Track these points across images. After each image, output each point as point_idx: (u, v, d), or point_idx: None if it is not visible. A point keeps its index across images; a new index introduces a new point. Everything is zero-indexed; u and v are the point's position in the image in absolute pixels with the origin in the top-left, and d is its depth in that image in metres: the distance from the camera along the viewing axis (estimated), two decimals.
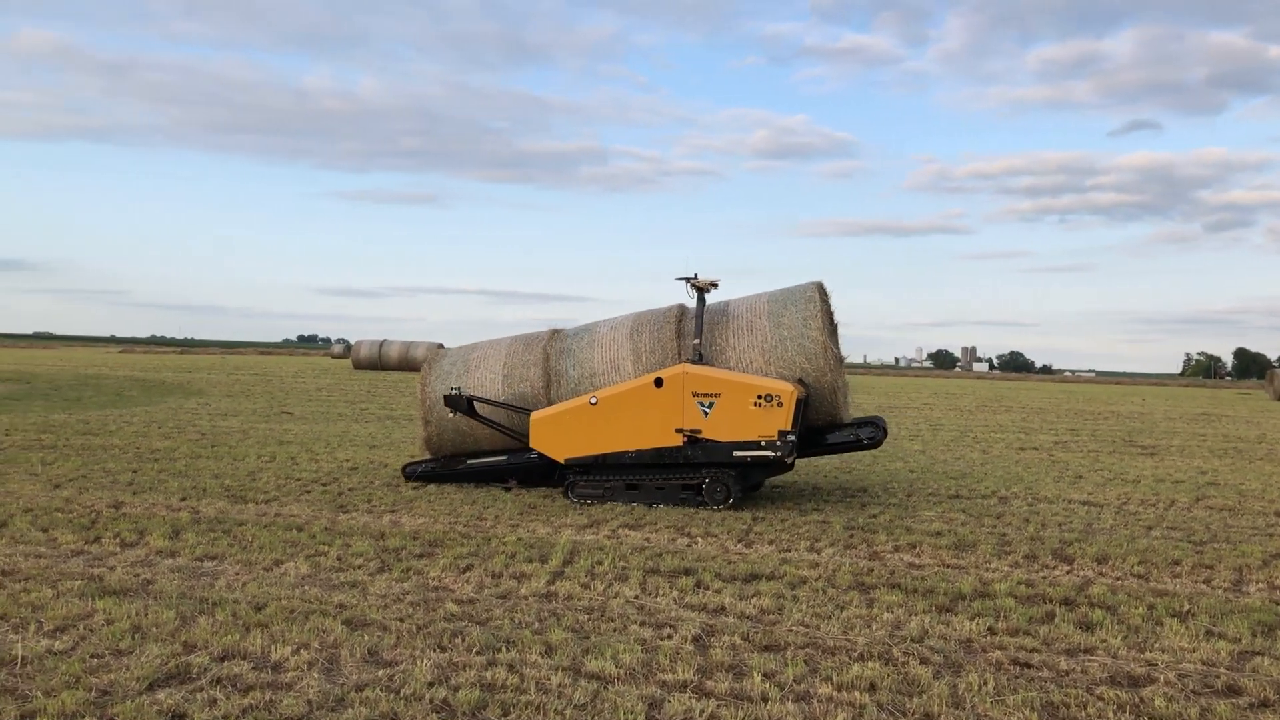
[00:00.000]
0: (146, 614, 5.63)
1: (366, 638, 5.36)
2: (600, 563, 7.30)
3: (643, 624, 5.81)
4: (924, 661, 5.29)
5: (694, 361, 10.35)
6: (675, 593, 6.54)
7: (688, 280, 10.91)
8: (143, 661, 4.86)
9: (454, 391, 10.95)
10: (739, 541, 8.33)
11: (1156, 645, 5.69)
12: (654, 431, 9.97)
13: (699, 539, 8.39)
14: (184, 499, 9.66)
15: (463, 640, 5.36)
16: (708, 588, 6.71)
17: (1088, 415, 29.74)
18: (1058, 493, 11.85)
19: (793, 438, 9.69)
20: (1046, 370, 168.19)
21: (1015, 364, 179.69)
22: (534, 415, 10.46)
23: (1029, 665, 5.30)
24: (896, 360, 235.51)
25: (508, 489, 10.91)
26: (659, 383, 9.92)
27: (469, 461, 11.28)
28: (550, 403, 10.90)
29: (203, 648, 5.13)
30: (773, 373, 10.29)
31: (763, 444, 9.76)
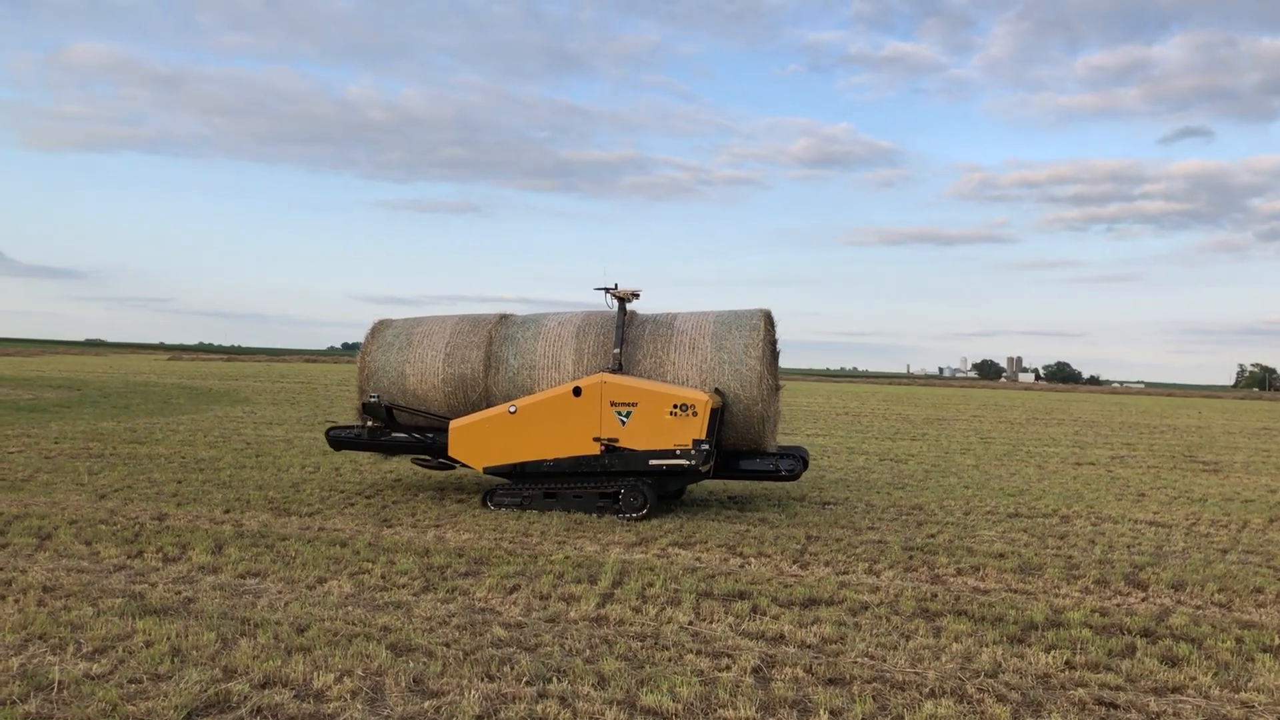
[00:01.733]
0: (187, 635, 5.46)
1: (412, 664, 5.14)
2: (651, 584, 7.04)
3: (699, 653, 5.54)
4: (1001, 699, 4.96)
5: (613, 370, 10.35)
6: (731, 618, 6.26)
7: (607, 290, 10.91)
8: (181, 688, 4.68)
9: (373, 400, 11.05)
10: (794, 562, 8.03)
11: (1251, 684, 5.32)
12: (573, 440, 10.01)
13: (751, 559, 8.10)
14: (227, 511, 9.54)
15: (511, 668, 5.12)
16: (765, 613, 6.42)
17: (1143, 429, 28.98)
18: (1121, 511, 11.40)
19: (706, 446, 9.67)
20: (1094, 381, 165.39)
21: (1062, 375, 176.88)
22: (453, 424, 10.48)
23: (1115, 705, 4.95)
24: (940, 370, 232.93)
25: (426, 466, 11.24)
26: (577, 391, 9.97)
27: (394, 435, 11.20)
28: (487, 388, 10.93)
29: (243, 673, 4.94)
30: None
31: (678, 453, 9.76)
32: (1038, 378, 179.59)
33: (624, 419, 9.92)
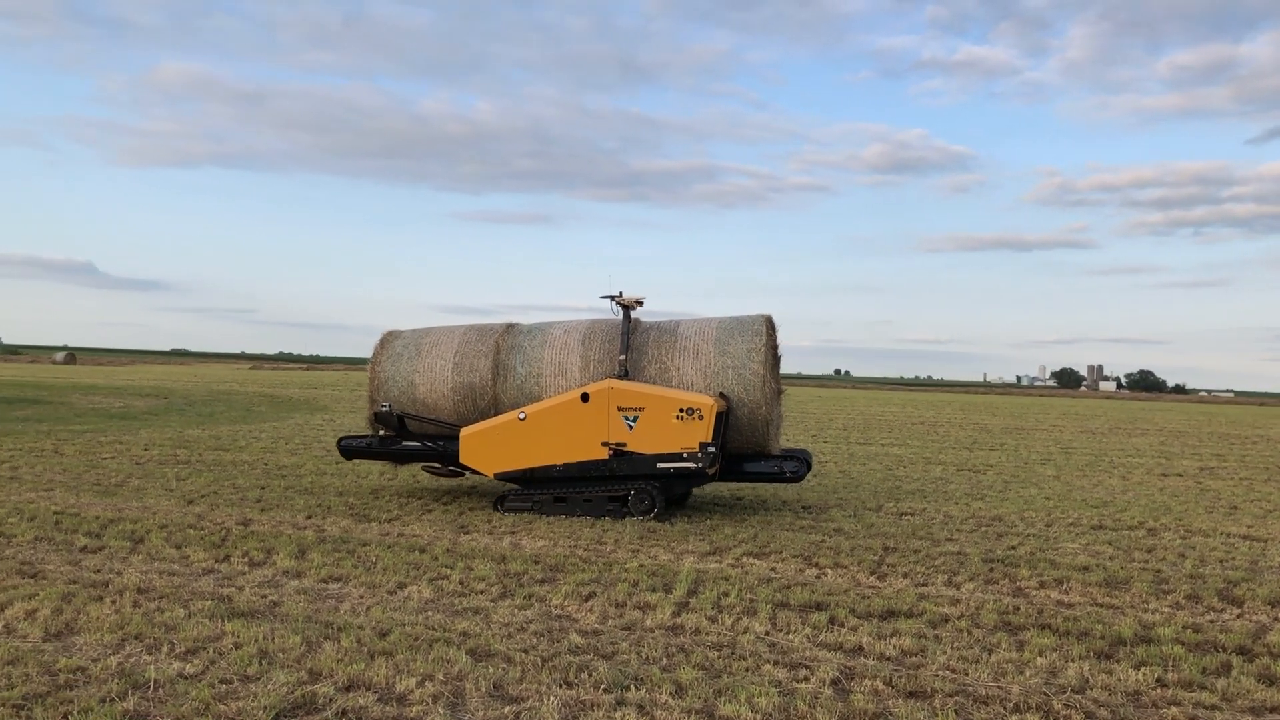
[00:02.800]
0: (273, 638, 5.60)
1: (491, 670, 5.20)
2: (726, 594, 7.01)
3: (776, 664, 5.50)
4: (1089, 716, 4.84)
5: (620, 376, 10.49)
6: (808, 629, 6.20)
7: (612, 298, 11.08)
8: (269, 689, 4.79)
9: (384, 409, 11.27)
10: (871, 574, 7.93)
11: None
12: (581, 445, 10.18)
13: (828, 570, 8.02)
14: (309, 517, 9.76)
15: (589, 675, 5.15)
16: (842, 625, 6.35)
17: (1234, 439, 28.02)
18: (1213, 525, 11.03)
19: (713, 449, 9.85)
20: (1180, 390, 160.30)
21: (1145, 383, 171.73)
22: (464, 431, 10.64)
23: None
24: (1018, 379, 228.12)
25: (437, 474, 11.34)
26: (585, 398, 10.14)
27: (405, 443, 11.39)
28: (495, 396, 11.11)
29: (328, 676, 5.04)
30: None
31: (684, 455, 9.93)
32: (1120, 386, 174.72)
33: (631, 423, 10.08)
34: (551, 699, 4.80)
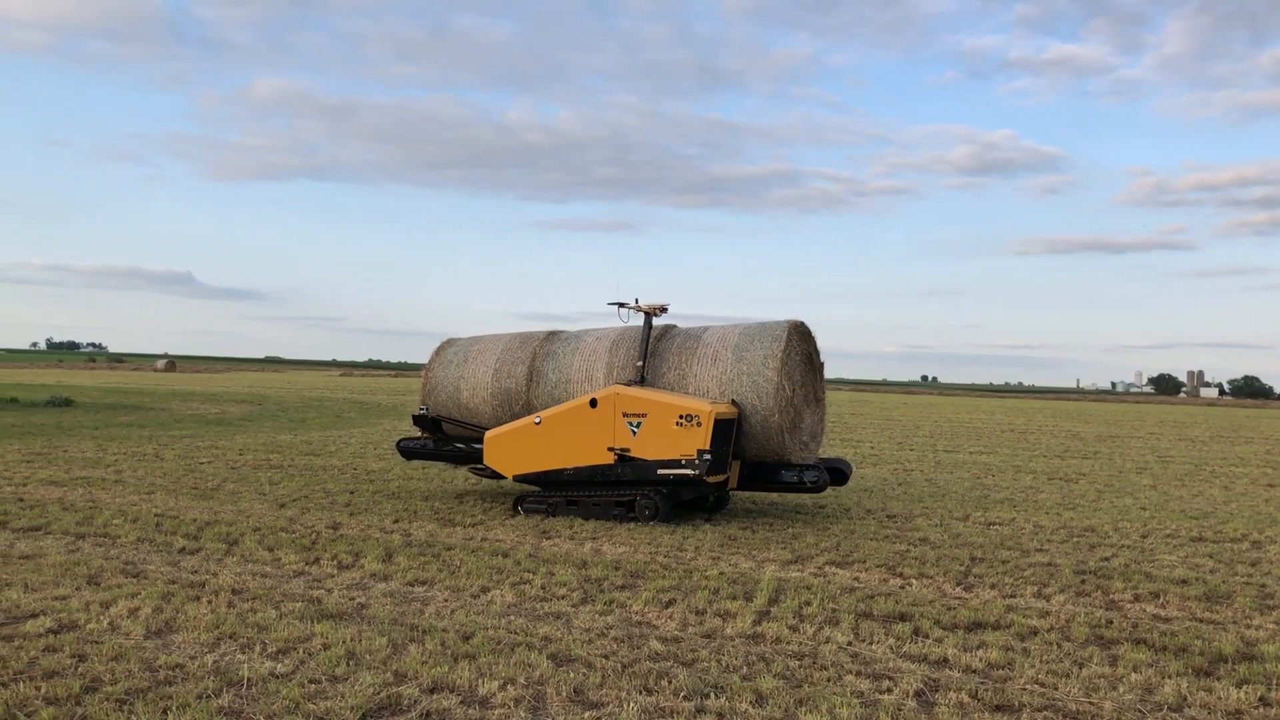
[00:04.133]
0: (360, 640, 5.73)
1: (572, 675, 5.24)
2: (808, 603, 6.95)
3: (858, 674, 5.43)
4: None
5: (635, 383, 10.62)
6: (892, 640, 6.11)
7: (621, 304, 11.32)
8: (356, 690, 4.90)
9: (422, 411, 11.93)
10: (957, 584, 7.77)
11: None
12: (590, 450, 10.32)
13: (913, 580, 7.89)
14: (396, 521, 9.96)
15: (669, 682, 5.15)
16: (927, 636, 6.24)
17: None
18: None
19: (709, 456, 9.82)
20: None
21: (1250, 389, 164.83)
22: (487, 434, 10.93)
23: None
24: (1113, 385, 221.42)
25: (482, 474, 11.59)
26: (593, 403, 10.31)
27: (455, 445, 11.78)
28: (528, 401, 11.37)
29: (413, 678, 5.14)
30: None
31: (683, 462, 9.95)
32: (1222, 393, 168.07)
33: (635, 429, 10.18)
34: (631, 705, 4.81)
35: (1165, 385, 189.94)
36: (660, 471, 10.09)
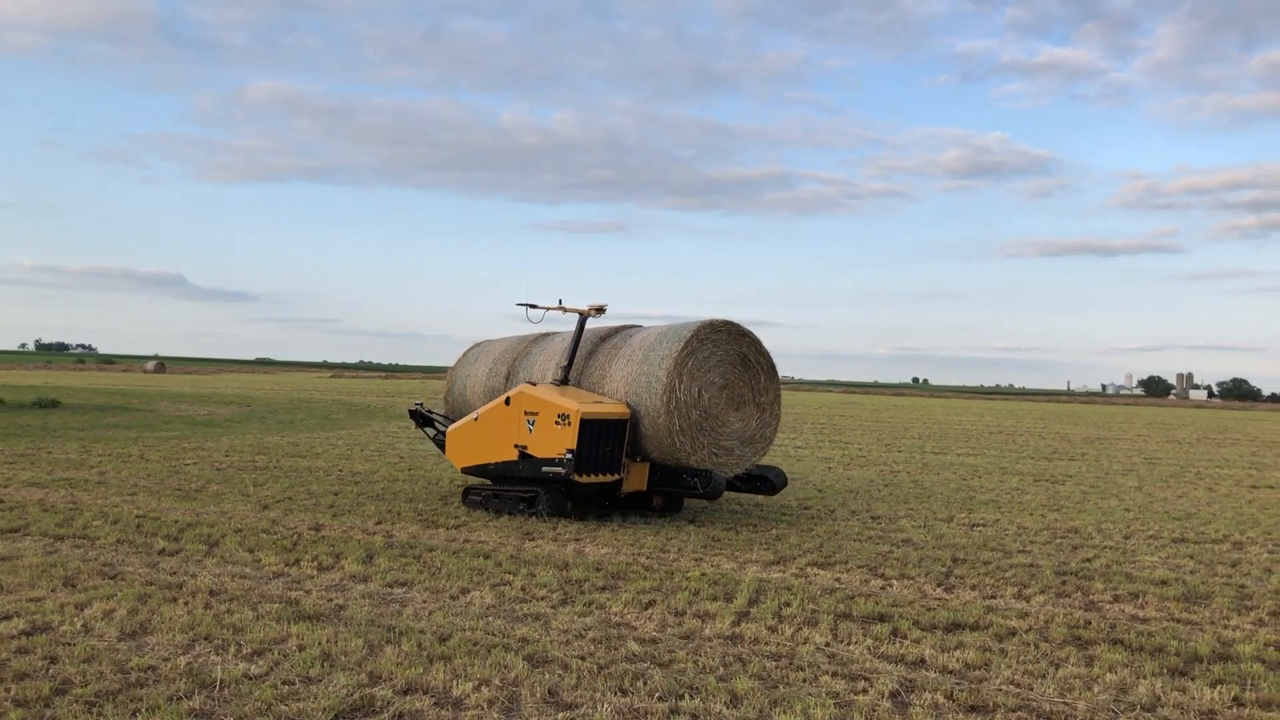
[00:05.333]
0: (336, 641, 5.70)
1: (548, 676, 5.22)
2: (788, 604, 6.95)
3: (835, 675, 5.43)
4: None
5: (559, 383, 10.91)
6: (870, 641, 6.11)
7: (531, 305, 11.85)
8: (330, 691, 4.89)
9: (415, 407, 12.93)
10: (938, 585, 7.78)
11: None
12: (505, 446, 10.67)
13: (894, 581, 7.90)
14: (379, 522, 9.93)
15: (645, 684, 5.14)
16: (905, 637, 6.24)
17: None
18: None
19: (571, 455, 9.99)
20: (1276, 399, 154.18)
21: (1239, 391, 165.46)
22: (449, 429, 11.39)
23: None
24: (1103, 387, 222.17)
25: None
26: (508, 401, 10.68)
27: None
28: None
29: (387, 679, 5.12)
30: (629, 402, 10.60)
31: (559, 460, 10.14)
32: (1211, 395, 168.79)
33: (531, 427, 10.44)
34: (605, 706, 4.80)
35: (1155, 387, 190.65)
36: (544, 469, 10.29)
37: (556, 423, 10.15)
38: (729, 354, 10.94)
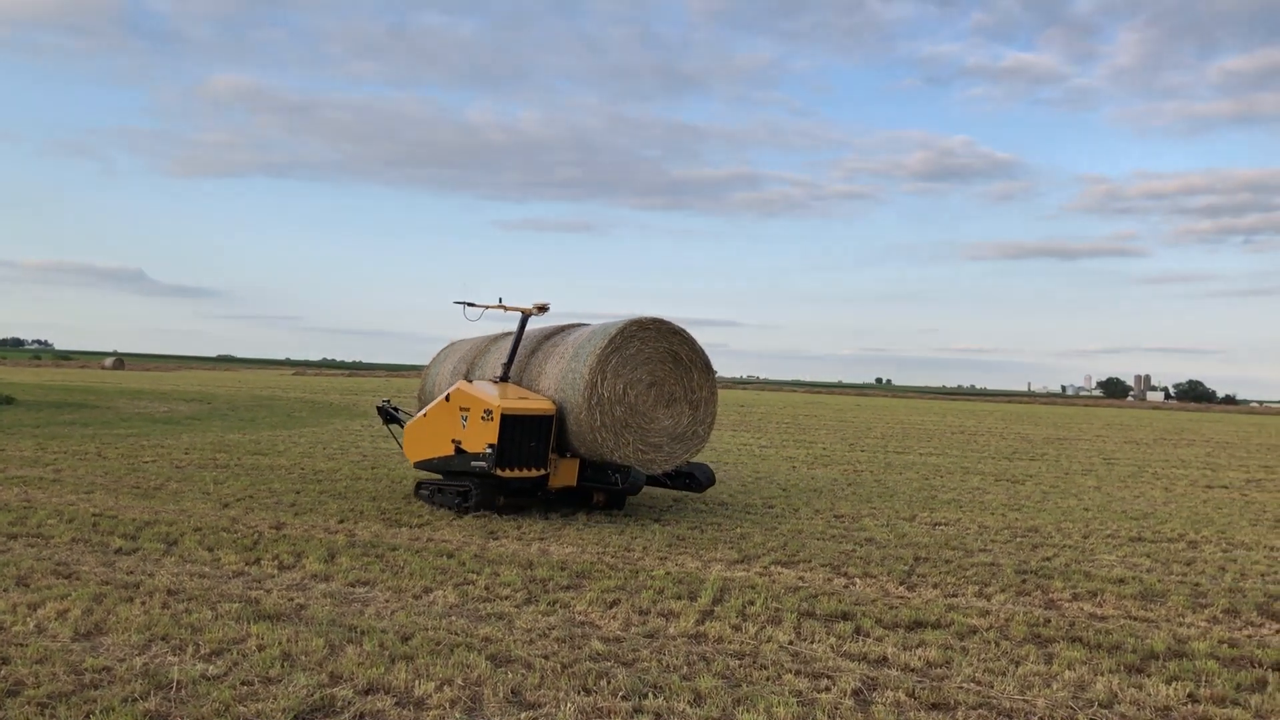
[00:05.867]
0: (297, 641, 5.64)
1: (510, 675, 5.20)
2: (752, 603, 6.97)
3: (798, 673, 5.45)
4: None
5: (499, 380, 11.12)
6: (833, 639, 6.14)
7: (468, 304, 12.05)
8: (289, 691, 4.83)
9: (383, 404, 13.43)
10: (900, 584, 7.84)
11: None
12: (445, 441, 10.81)
13: (857, 579, 7.94)
14: (342, 521, 9.84)
15: (608, 683, 5.13)
16: (868, 635, 6.28)
17: None
18: (1256, 538, 10.79)
19: (490, 450, 10.23)
20: (1230, 400, 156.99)
21: (1195, 393, 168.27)
22: (407, 424, 11.62)
23: None
24: (1064, 388, 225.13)
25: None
26: (448, 398, 10.87)
27: None
28: None
29: (348, 679, 5.07)
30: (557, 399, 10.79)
31: (482, 455, 10.34)
32: (1168, 396, 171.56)
33: (465, 423, 10.62)
34: (568, 705, 4.78)
35: (1113, 389, 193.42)
36: (474, 464, 10.45)
37: (483, 418, 10.33)
38: (658, 351, 11.03)
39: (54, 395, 32.61)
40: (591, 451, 10.68)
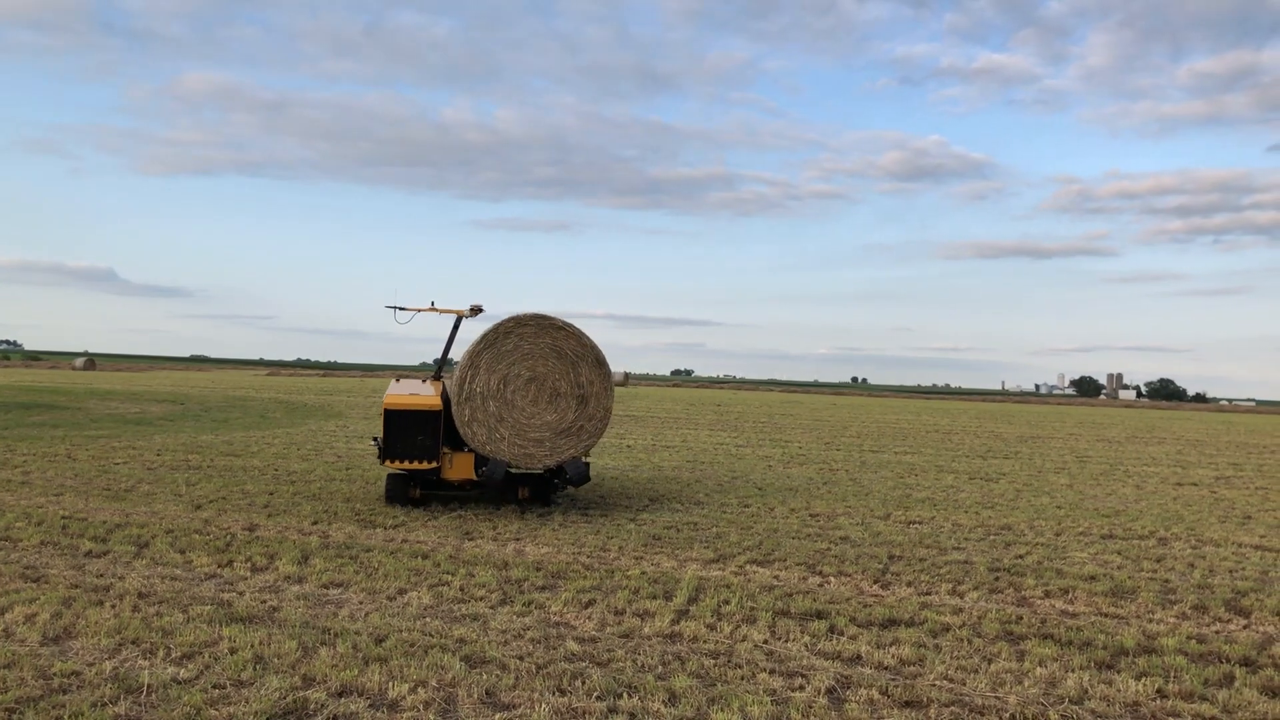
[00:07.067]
0: (270, 643, 5.60)
1: (485, 677, 5.19)
2: (727, 602, 6.98)
3: (772, 672, 5.46)
4: None
5: (431, 379, 11.74)
6: (807, 638, 6.16)
7: (399, 308, 12.38)
8: (262, 694, 4.80)
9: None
10: (874, 582, 7.88)
11: None
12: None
13: (831, 578, 7.98)
14: (315, 523, 9.78)
15: (583, 683, 5.13)
16: (842, 633, 6.31)
17: (1251, 449, 27.75)
18: (1225, 535, 10.92)
19: (374, 442, 11.22)
20: (1200, 399, 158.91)
21: (1166, 392, 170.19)
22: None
23: None
24: (1037, 387, 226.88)
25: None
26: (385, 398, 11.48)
27: None
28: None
29: (321, 682, 5.04)
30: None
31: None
32: (1140, 395, 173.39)
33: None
34: (543, 706, 4.78)
35: (1086, 387, 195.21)
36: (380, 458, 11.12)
37: (381, 414, 11.03)
38: (538, 347, 11.18)
39: (22, 396, 32.21)
40: (473, 445, 11.06)
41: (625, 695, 4.98)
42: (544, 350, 11.14)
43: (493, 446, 10.97)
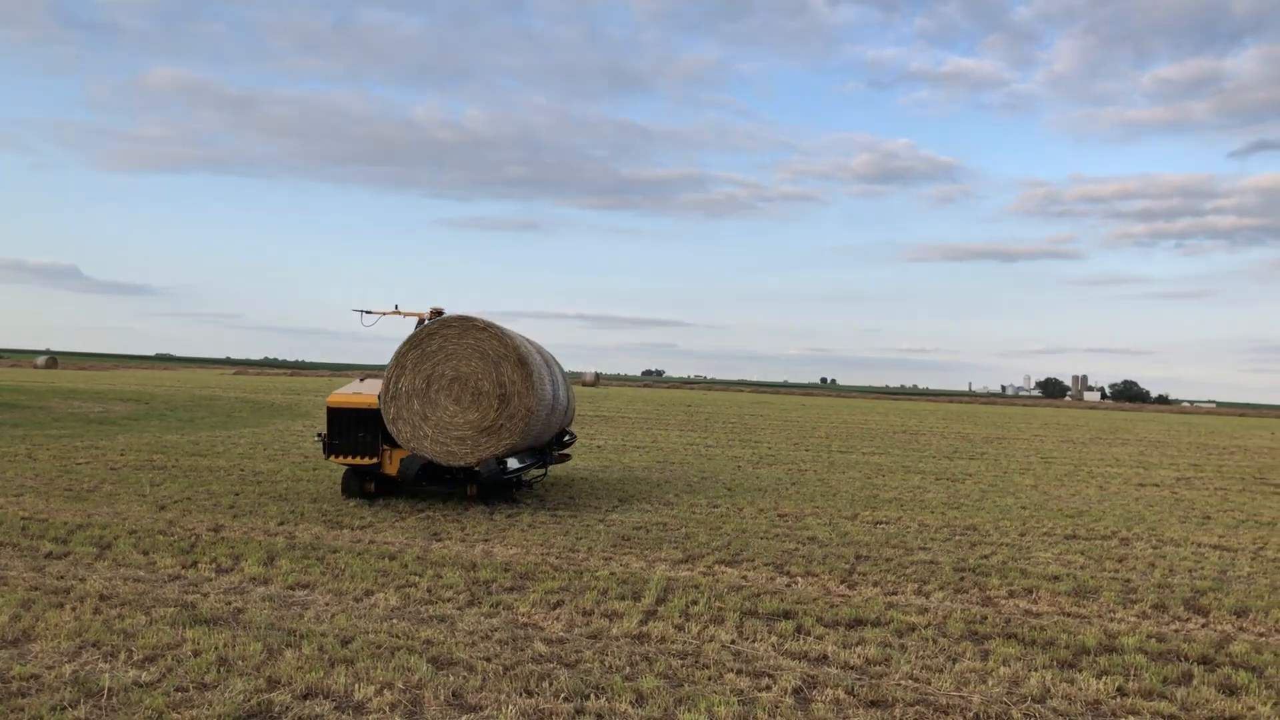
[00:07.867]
0: (234, 645, 5.55)
1: (452, 678, 5.17)
2: (695, 602, 7.00)
3: (739, 672, 5.49)
4: None
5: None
6: (774, 638, 6.19)
7: (365, 311, 12.88)
8: (225, 697, 4.75)
9: None
10: (841, 582, 7.93)
11: None
12: None
13: (799, 578, 8.02)
14: (281, 523, 9.70)
15: (550, 684, 5.12)
16: (809, 633, 6.35)
17: (1211, 449, 28.18)
18: (1184, 535, 11.09)
19: (317, 438, 12.04)
20: (1163, 400, 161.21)
21: (1129, 393, 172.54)
22: None
23: None
24: (1003, 388, 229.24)
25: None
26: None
27: None
28: None
29: (286, 684, 5.00)
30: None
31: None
32: (1104, 396, 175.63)
33: None
34: (510, 708, 4.77)
35: (1052, 389, 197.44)
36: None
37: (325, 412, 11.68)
38: (462, 347, 11.32)
39: None
40: (398, 442, 11.36)
41: (593, 696, 4.98)
42: (466, 350, 11.28)
43: (416, 444, 11.23)
